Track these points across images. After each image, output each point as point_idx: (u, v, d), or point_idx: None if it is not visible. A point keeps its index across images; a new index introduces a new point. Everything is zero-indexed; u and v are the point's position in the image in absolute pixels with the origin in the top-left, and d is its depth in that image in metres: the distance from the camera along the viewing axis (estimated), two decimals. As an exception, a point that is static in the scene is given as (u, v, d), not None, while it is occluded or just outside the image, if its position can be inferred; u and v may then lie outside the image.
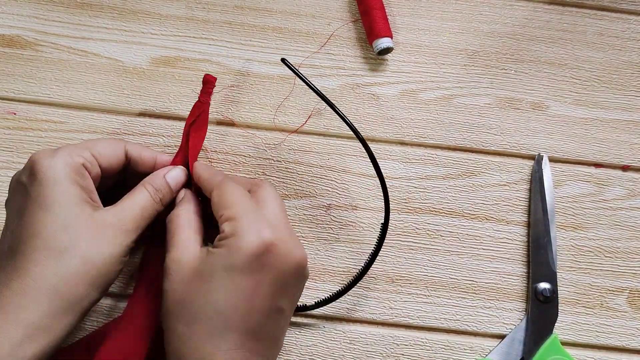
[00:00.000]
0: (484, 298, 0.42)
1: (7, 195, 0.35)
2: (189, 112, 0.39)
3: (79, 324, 0.34)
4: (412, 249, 0.43)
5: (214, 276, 0.31)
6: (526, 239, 0.44)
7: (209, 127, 0.40)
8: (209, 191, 0.35)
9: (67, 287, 0.31)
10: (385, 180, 0.43)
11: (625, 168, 0.45)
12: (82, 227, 0.32)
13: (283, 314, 0.33)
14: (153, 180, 0.36)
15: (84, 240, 0.32)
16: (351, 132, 0.40)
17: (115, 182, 0.39)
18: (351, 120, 0.44)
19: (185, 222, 0.35)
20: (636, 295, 0.43)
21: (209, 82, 0.39)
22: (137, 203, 0.35)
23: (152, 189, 0.36)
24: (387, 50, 0.45)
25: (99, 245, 0.32)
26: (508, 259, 0.43)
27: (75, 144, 0.35)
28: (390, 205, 0.43)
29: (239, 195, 0.33)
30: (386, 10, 0.46)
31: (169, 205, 0.37)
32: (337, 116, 0.39)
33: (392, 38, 0.45)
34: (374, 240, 0.41)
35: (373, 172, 0.40)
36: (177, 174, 0.37)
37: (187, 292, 0.31)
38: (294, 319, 0.41)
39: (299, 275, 0.33)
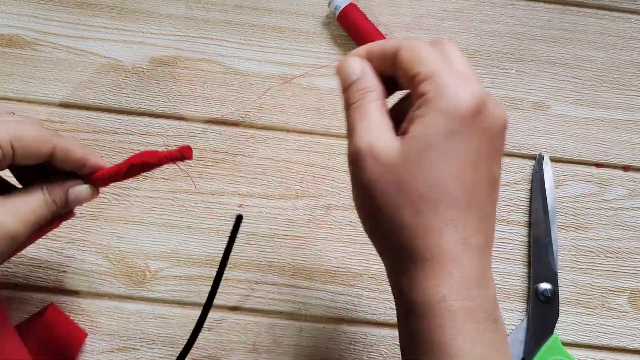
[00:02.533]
0: (485, 298, 0.42)
1: None
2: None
3: None
4: (412, 249, 0.43)
5: (431, 147, 0.25)
6: (527, 239, 0.43)
7: (208, 128, 0.39)
8: (391, 53, 0.28)
9: None
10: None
11: (626, 168, 0.45)
12: None
13: (497, 184, 0.28)
14: (54, 190, 0.32)
15: None
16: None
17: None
18: (351, 120, 0.44)
19: (373, 107, 0.28)
20: (637, 295, 0.43)
21: (186, 157, 0.34)
22: (30, 208, 0.31)
23: (49, 198, 0.32)
24: (388, 49, 0.45)
25: None
26: (509, 259, 0.43)
27: (6, 120, 0.31)
28: (391, 205, 0.43)
29: (431, 50, 0.27)
30: (386, 10, 0.45)
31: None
32: (337, 116, 0.39)
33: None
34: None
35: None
36: (81, 192, 0.33)
37: (402, 176, 0.26)
38: (294, 321, 0.41)
39: (503, 138, 0.27)
